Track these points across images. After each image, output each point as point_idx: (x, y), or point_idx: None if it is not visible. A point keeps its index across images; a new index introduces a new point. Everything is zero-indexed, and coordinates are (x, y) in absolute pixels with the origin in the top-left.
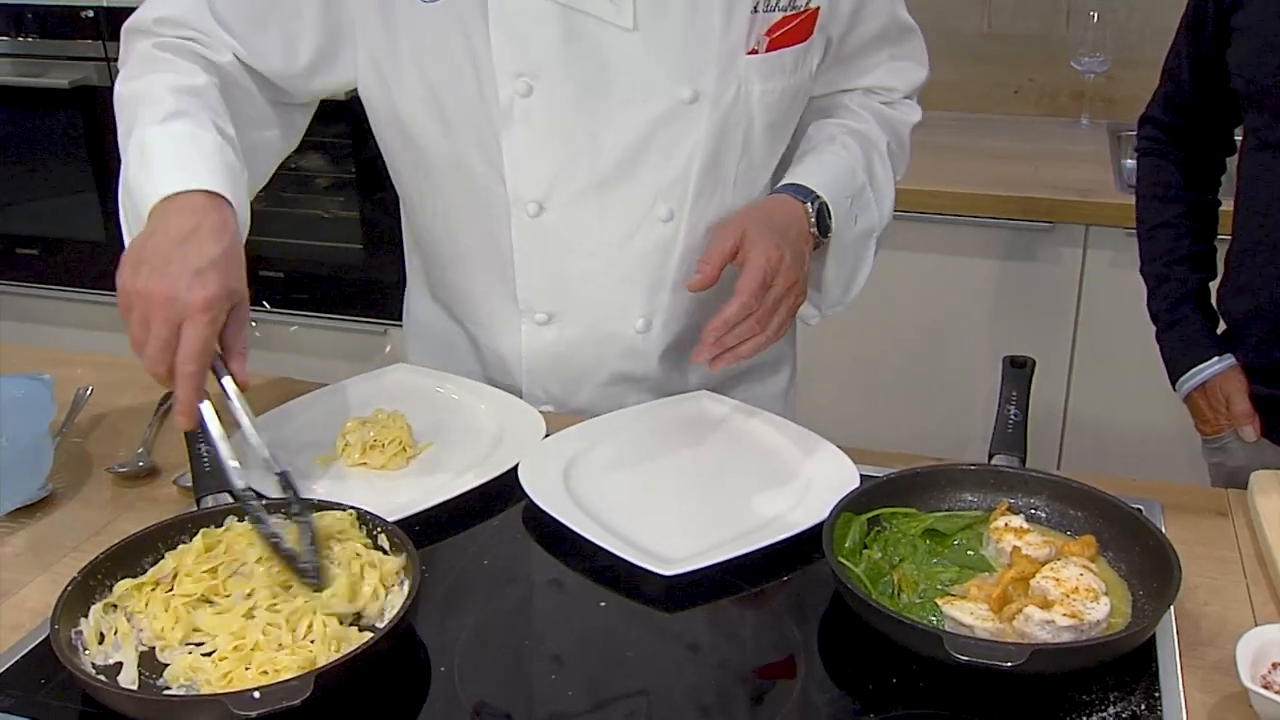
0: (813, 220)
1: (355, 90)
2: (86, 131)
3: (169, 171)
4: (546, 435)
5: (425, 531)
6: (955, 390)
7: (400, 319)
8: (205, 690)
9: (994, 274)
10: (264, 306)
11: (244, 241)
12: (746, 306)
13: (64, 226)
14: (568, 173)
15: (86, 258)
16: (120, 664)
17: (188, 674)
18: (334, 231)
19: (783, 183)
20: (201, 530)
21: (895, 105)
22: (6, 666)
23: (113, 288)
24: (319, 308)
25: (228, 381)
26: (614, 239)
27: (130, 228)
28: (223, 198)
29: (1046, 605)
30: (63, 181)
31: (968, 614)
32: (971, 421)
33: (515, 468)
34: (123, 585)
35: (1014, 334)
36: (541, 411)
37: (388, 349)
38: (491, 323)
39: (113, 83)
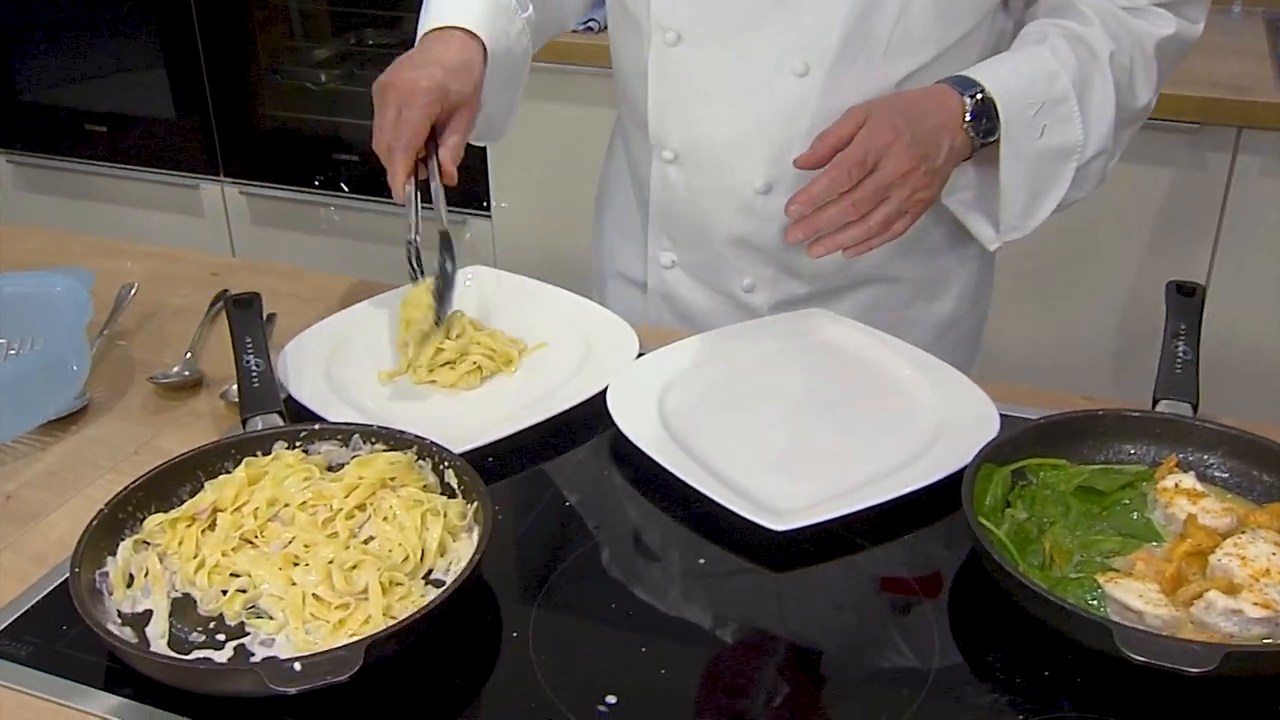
0: (968, 115)
1: None
2: (157, 5)
3: (439, 8)
4: (640, 354)
5: (499, 464)
6: (1078, 310)
7: (480, 208)
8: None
9: (1130, 181)
10: (342, 190)
11: (493, 71)
12: (835, 182)
13: (134, 103)
14: (710, 4)
15: (156, 136)
16: (150, 611)
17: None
18: None
19: (951, 75)
20: (245, 459)
21: (1142, 12)
22: (24, 609)
23: (181, 168)
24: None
25: (432, 164)
26: (745, 86)
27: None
28: (477, 36)
29: (1232, 590)
30: (132, 57)
31: (1135, 596)
32: (1092, 345)
33: (603, 391)
34: (154, 520)
35: (1150, 248)
36: (662, 264)
37: (467, 237)
38: (634, 152)
39: None
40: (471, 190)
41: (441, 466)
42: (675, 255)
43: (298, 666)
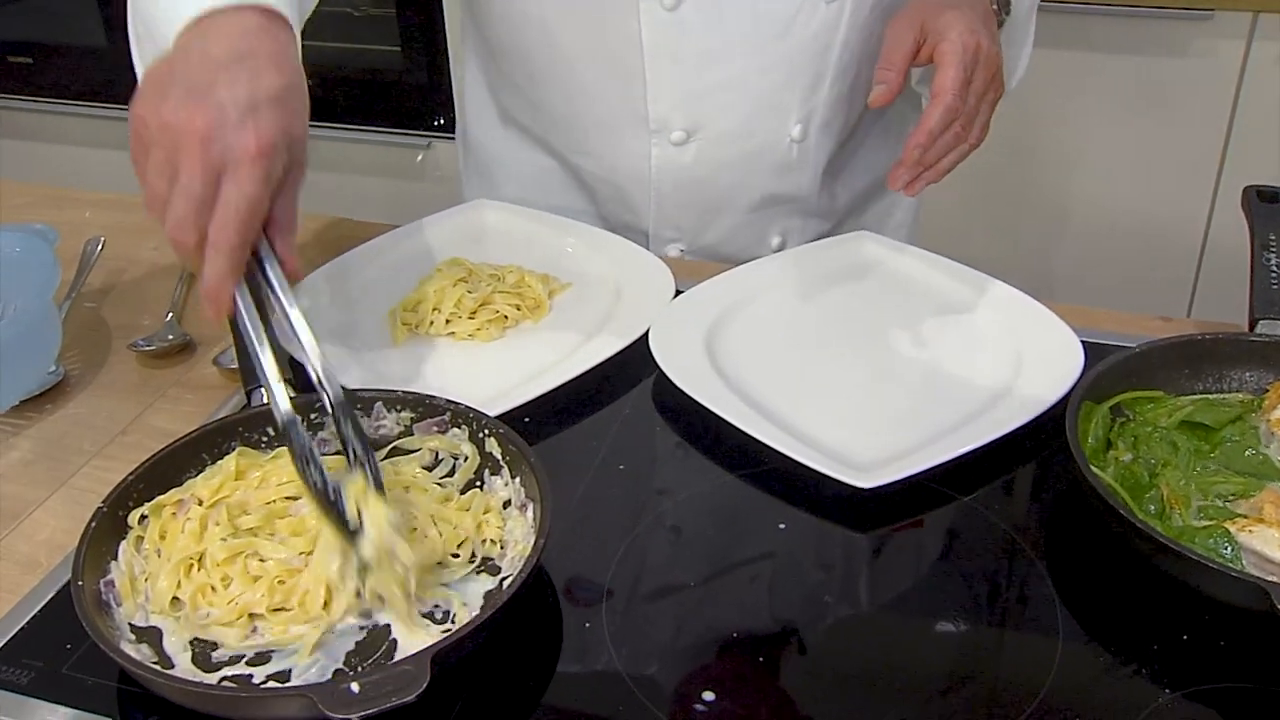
0: None
1: None
2: None
3: None
4: (676, 294)
5: (531, 426)
6: (1080, 213)
7: (443, 131)
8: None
9: (1137, 73)
10: None
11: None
12: (952, 110)
13: (60, 30)
14: None
15: (88, 66)
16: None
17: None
18: (366, 32)
19: None
20: (239, 449)
21: None
22: (20, 627)
23: (120, 100)
24: (350, 118)
25: (271, 266)
26: (769, 28)
27: (144, 57)
28: (281, 17)
29: None
30: None
31: (1275, 546)
32: (1098, 248)
33: (641, 336)
34: (137, 513)
35: (1158, 144)
36: (668, 255)
37: (419, 158)
38: (605, 149)
39: None
40: (435, 111)
41: (480, 435)
42: (685, 244)
43: (355, 688)
